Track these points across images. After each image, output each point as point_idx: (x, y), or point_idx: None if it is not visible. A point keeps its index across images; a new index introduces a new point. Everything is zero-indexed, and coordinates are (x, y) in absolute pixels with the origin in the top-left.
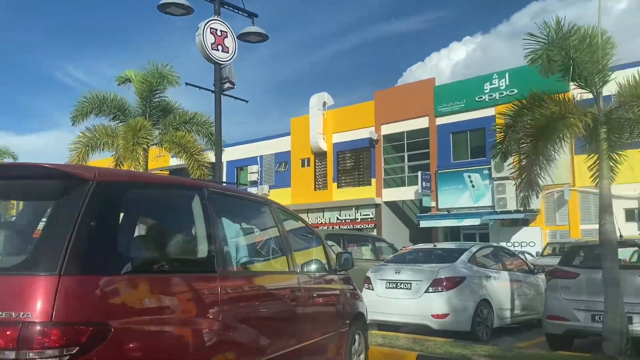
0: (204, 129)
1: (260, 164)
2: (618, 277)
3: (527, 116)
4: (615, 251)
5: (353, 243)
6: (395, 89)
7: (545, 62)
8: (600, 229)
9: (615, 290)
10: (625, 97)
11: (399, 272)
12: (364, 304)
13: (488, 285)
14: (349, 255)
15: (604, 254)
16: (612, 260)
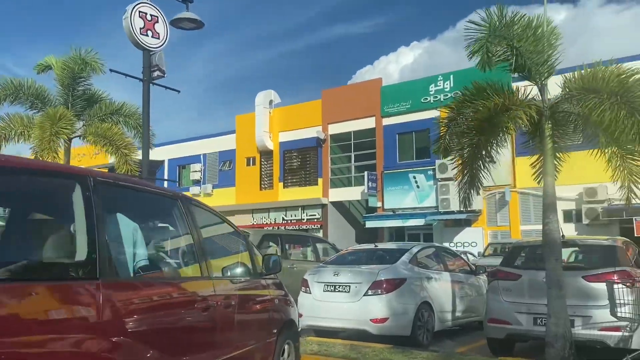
0: (132, 120)
1: (204, 162)
2: (562, 279)
3: (469, 109)
4: (559, 251)
5: (293, 244)
6: (342, 89)
7: (487, 53)
8: (543, 228)
9: (558, 293)
10: (572, 90)
11: (337, 274)
12: (296, 310)
13: (429, 286)
14: (277, 258)
15: (547, 254)
16: (556, 261)
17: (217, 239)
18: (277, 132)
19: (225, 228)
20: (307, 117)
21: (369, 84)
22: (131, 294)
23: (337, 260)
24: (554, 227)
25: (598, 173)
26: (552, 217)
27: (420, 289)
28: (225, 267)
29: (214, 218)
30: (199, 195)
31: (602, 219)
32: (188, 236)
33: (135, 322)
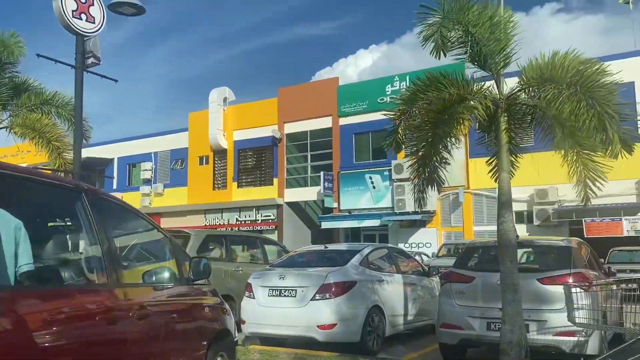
0: (65, 111)
1: (155, 160)
2: (517, 282)
3: (422, 100)
4: (514, 253)
5: (239, 245)
6: (299, 87)
7: (441, 38)
8: (498, 228)
9: (513, 297)
10: (530, 79)
11: (283, 277)
12: (232, 318)
13: (380, 289)
14: (206, 261)
15: (501, 255)
16: (511, 263)
17: (135, 240)
18: (232, 131)
19: (146, 228)
20: (263, 116)
21: (325, 83)
22: (9, 305)
23: (284, 262)
24: (509, 226)
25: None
26: (507, 215)
27: (371, 292)
28: (146, 273)
29: (130, 216)
30: (150, 195)
31: (552, 220)
32: (92, 236)
33: (14, 335)
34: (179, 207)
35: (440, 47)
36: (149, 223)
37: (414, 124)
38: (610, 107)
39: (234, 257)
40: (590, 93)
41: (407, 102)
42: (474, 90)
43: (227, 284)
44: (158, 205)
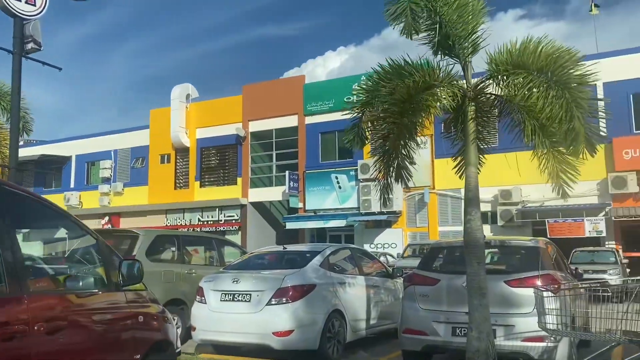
0: (5, 102)
1: (115, 158)
2: (485, 286)
3: (386, 89)
4: (482, 253)
5: (193, 246)
6: (264, 84)
7: (410, 17)
8: (465, 226)
9: (481, 301)
10: (499, 65)
11: (237, 281)
12: (174, 327)
13: (342, 293)
14: (139, 264)
15: (468, 256)
16: (478, 264)
17: (55, 241)
18: (194, 129)
19: (70, 227)
20: (227, 113)
21: (291, 80)
22: None
23: (239, 265)
24: (476, 224)
25: (513, 175)
26: (474, 213)
27: (331, 295)
28: (67, 278)
29: (50, 214)
30: (109, 194)
31: (516, 221)
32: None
33: None
34: (139, 206)
35: (410, 26)
36: (74, 222)
37: (377, 115)
38: (581, 97)
39: (187, 259)
40: (561, 81)
41: (369, 93)
42: (441, 77)
43: (179, 287)
44: (117, 204)
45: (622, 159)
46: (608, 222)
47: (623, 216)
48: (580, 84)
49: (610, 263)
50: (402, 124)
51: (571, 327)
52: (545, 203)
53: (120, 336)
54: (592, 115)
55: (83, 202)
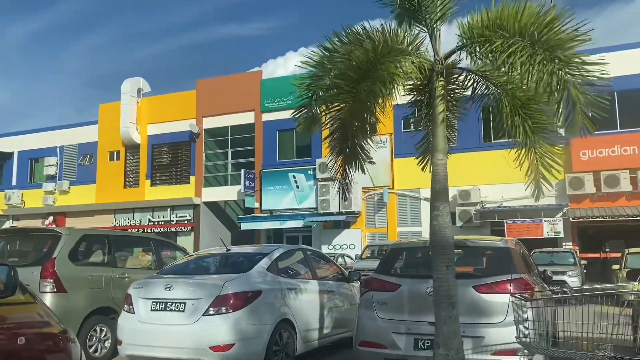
0: None
1: (60, 155)
2: (455, 294)
3: (340, 60)
4: (451, 255)
5: (127, 247)
6: (219, 79)
7: None
8: (431, 223)
9: (450, 312)
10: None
11: (170, 287)
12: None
13: (292, 299)
14: (9, 270)
15: (435, 259)
16: (447, 269)
17: None
18: (146, 124)
19: None
20: (180, 109)
21: (248, 76)
22: None
23: (175, 268)
24: (444, 221)
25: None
26: (442, 208)
27: (279, 303)
28: None
29: None
30: (54, 193)
31: (475, 221)
32: None
33: None
34: (86, 206)
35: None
36: None
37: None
38: (575, 62)
39: (119, 262)
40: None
41: (320, 66)
42: (405, 43)
43: (109, 294)
44: (63, 203)
45: (580, 159)
46: (565, 223)
47: (580, 217)
48: (573, 46)
49: (570, 264)
50: (358, 94)
51: (552, 343)
52: (503, 204)
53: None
54: (591, 84)
55: (26, 201)
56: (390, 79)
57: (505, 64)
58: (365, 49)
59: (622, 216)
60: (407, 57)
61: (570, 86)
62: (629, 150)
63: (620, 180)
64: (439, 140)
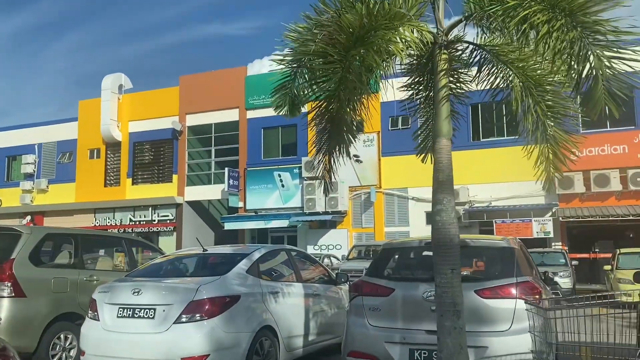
0: None
1: (39, 153)
2: (461, 301)
3: (328, 24)
4: (457, 257)
5: (97, 248)
6: (203, 76)
7: None
8: (433, 219)
9: (456, 322)
10: None
11: (138, 291)
12: None
13: (274, 304)
14: None
15: (438, 260)
16: (452, 272)
17: None
18: (127, 122)
19: None
20: (162, 106)
21: (232, 72)
22: None
23: (146, 271)
24: (449, 217)
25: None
26: (446, 201)
27: (260, 308)
28: None
29: None
30: (32, 192)
31: (463, 221)
32: None
33: None
34: (66, 205)
35: None
36: None
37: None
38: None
39: (87, 263)
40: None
41: (308, 35)
42: (406, 8)
43: (74, 298)
44: (41, 203)
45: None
46: (555, 222)
47: (570, 217)
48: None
49: (561, 265)
50: (349, 64)
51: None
52: (492, 203)
53: None
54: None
55: (2, 200)
56: (386, 48)
57: (517, 33)
58: (358, 13)
59: (612, 216)
60: (407, 24)
61: (593, 57)
62: (619, 149)
63: (610, 180)
64: (442, 122)
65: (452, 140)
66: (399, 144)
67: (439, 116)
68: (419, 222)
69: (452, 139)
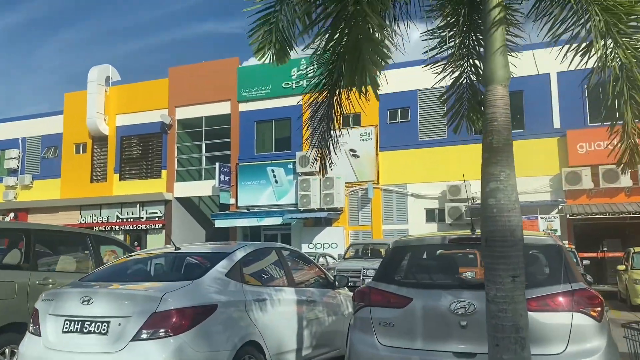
0: None
1: (23, 147)
2: (526, 323)
3: None
4: (519, 257)
5: (54, 245)
6: (193, 67)
7: None
8: (484, 204)
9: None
10: None
11: (88, 300)
12: None
13: (260, 315)
14: None
15: (492, 262)
16: (514, 280)
17: None
18: (114, 115)
19: None
20: (151, 98)
21: (224, 63)
22: None
23: (103, 273)
24: (508, 200)
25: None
26: (504, 177)
27: (243, 320)
28: None
29: None
30: (15, 188)
31: (466, 218)
32: None
33: None
34: (50, 201)
35: None
36: None
37: None
38: None
39: (42, 264)
40: None
41: None
42: None
43: (24, 305)
44: (25, 199)
45: (577, 153)
46: (562, 220)
47: (578, 214)
48: None
49: None
50: None
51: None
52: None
53: None
54: None
55: None
56: None
57: None
58: None
59: (622, 213)
60: None
61: None
62: None
63: (619, 175)
64: (495, 60)
65: (508, 87)
66: (398, 138)
67: (490, 50)
68: (418, 219)
69: (451, 134)
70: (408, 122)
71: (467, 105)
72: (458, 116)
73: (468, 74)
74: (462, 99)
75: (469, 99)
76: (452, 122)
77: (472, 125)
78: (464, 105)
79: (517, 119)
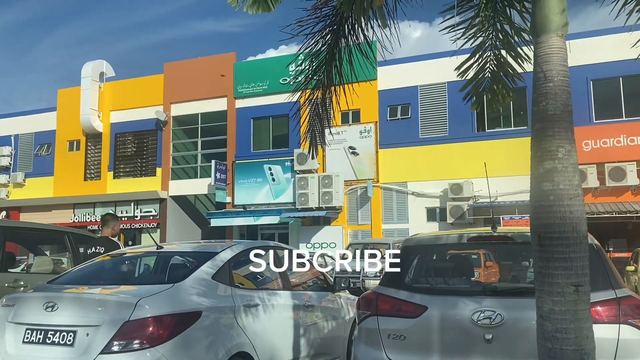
0: None
1: (15, 145)
2: (593, 347)
3: None
4: (585, 260)
5: (28, 244)
6: (189, 62)
7: None
8: (537, 188)
9: None
10: None
11: (53, 306)
12: None
13: (251, 322)
14: None
15: (546, 265)
16: (577, 290)
17: None
18: (108, 111)
19: None
20: (146, 95)
21: (220, 59)
22: None
23: (74, 275)
24: (569, 184)
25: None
26: (563, 154)
27: (232, 328)
28: None
29: None
30: (7, 186)
31: (467, 218)
32: None
33: None
34: (43, 200)
35: None
36: None
37: None
38: None
39: (14, 264)
40: None
41: None
42: None
43: None
44: (17, 197)
45: (582, 150)
46: None
47: None
48: None
49: None
50: None
51: None
52: (498, 198)
53: None
54: None
55: None
56: None
57: None
58: None
59: (629, 212)
60: None
61: None
62: (635, 140)
63: (626, 173)
64: (549, 2)
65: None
66: (399, 135)
67: None
68: (419, 218)
69: (452, 131)
70: (409, 119)
71: (489, 78)
72: (479, 87)
73: (492, 39)
74: (484, 69)
75: (492, 71)
76: (470, 97)
77: (495, 101)
78: (486, 79)
79: (522, 116)
